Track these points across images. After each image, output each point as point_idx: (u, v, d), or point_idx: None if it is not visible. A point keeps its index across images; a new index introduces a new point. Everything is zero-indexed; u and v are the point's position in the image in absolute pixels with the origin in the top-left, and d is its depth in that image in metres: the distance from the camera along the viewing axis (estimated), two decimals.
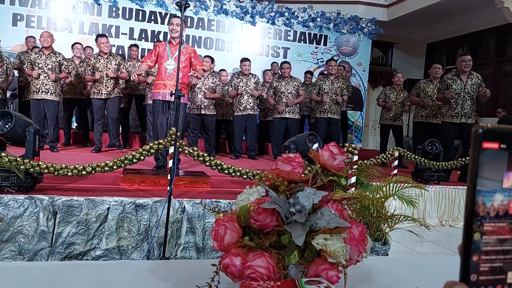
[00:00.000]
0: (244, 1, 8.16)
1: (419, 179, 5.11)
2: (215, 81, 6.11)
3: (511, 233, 0.36)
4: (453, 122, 5.37)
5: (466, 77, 5.33)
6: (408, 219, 3.07)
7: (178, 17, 3.21)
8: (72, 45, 6.48)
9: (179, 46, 3.29)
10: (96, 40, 5.69)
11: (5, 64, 5.86)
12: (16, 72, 6.40)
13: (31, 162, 3.04)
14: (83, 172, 3.24)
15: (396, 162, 4.99)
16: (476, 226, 0.34)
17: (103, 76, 5.51)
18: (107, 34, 6.40)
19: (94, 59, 5.63)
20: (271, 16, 8.25)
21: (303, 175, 0.76)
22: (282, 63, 6.60)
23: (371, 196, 3.03)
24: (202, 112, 5.98)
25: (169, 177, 3.27)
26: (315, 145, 4.12)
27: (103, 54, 5.57)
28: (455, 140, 5.82)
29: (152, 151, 3.50)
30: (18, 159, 3.00)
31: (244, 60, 6.38)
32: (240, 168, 3.73)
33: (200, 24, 7.94)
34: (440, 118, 5.69)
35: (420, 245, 4.00)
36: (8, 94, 6.87)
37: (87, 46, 6.72)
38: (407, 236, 3.60)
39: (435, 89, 6.19)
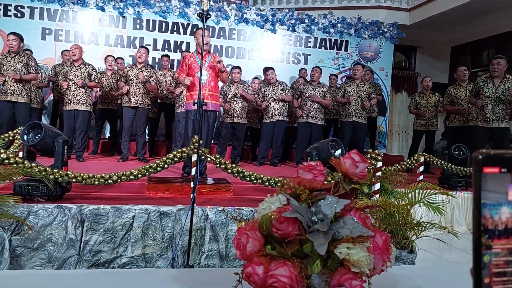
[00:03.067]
0: (264, 10, 8.23)
1: (446, 185, 4.97)
2: (245, 88, 6.19)
3: None
4: (484, 127, 5.23)
5: (499, 81, 5.19)
6: (435, 226, 3.00)
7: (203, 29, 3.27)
8: (105, 58, 6.74)
9: (201, 55, 3.34)
10: (138, 50, 6.07)
11: (41, 74, 6.22)
12: (51, 84, 6.70)
13: (60, 171, 3.13)
14: (109, 181, 3.32)
15: (421, 168, 4.88)
16: (485, 246, 0.35)
17: (135, 86, 5.78)
18: (146, 46, 6.64)
19: (129, 67, 5.98)
20: (291, 23, 8.27)
21: (325, 183, 0.76)
22: (313, 68, 6.59)
23: (396, 203, 2.98)
24: (235, 120, 6.08)
25: (192, 185, 3.30)
26: (338, 152, 4.08)
27: (138, 63, 5.87)
28: (486, 145, 5.67)
29: (175, 159, 3.55)
30: (47, 169, 3.10)
31: (266, 69, 6.41)
32: (262, 176, 3.73)
33: (222, 34, 8.03)
34: (473, 122, 5.54)
35: (449, 253, 3.88)
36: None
37: (119, 58, 6.95)
38: (435, 244, 3.51)
39: (466, 92, 6.03)
